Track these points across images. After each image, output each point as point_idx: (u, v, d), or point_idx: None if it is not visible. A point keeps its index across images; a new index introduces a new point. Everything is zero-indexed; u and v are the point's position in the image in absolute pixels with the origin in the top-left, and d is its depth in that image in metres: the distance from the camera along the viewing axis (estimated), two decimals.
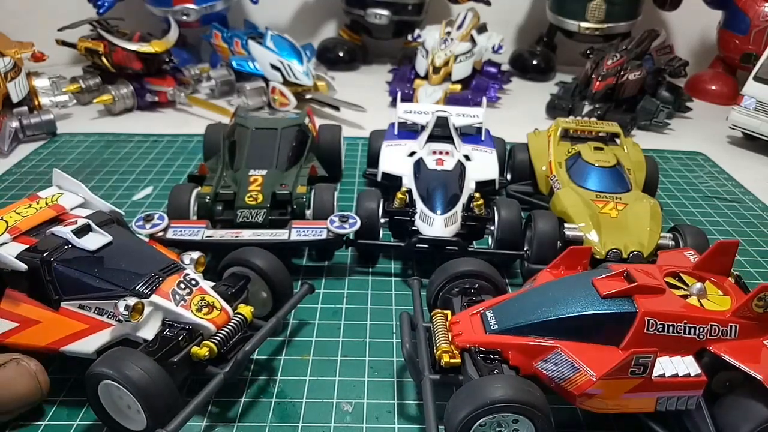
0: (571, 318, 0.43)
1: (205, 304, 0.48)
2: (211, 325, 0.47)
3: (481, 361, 0.43)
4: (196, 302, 0.48)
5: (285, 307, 0.52)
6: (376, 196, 0.67)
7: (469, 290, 0.52)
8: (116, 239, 0.51)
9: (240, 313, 0.49)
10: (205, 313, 0.47)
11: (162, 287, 0.48)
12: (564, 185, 0.70)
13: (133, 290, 0.47)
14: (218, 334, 0.47)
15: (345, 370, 0.52)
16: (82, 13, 1.13)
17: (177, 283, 0.49)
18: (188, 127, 1.02)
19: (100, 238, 0.50)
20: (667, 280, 0.46)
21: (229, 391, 0.49)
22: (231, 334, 0.47)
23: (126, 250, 0.51)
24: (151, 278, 0.48)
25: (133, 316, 0.45)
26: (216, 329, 0.47)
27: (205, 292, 0.49)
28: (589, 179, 0.70)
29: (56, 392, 0.49)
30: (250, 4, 1.32)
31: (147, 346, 0.44)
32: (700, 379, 0.41)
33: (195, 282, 0.49)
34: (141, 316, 0.45)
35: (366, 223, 0.64)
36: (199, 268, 0.53)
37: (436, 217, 0.64)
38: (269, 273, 0.54)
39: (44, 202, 0.55)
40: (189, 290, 0.49)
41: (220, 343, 0.46)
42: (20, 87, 0.97)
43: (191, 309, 0.47)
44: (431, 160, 0.71)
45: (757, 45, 1.13)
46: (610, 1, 1.21)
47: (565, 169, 0.72)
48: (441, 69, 1.11)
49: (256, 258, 0.54)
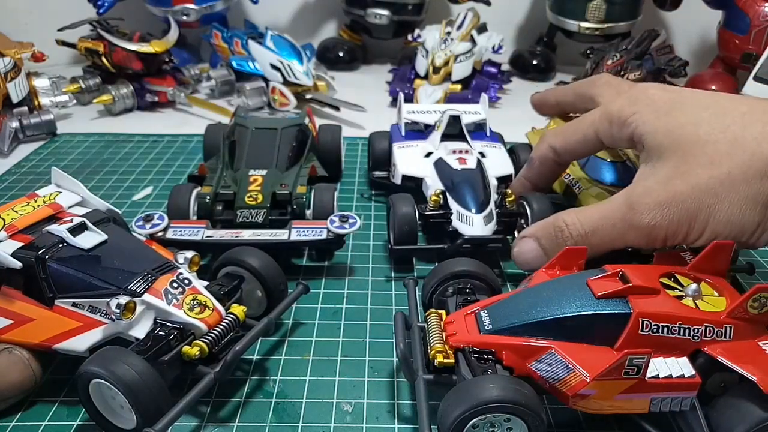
0: (566, 318, 0.43)
1: (197, 304, 0.48)
2: (203, 325, 0.47)
3: (475, 361, 0.43)
4: (188, 302, 0.48)
5: (278, 308, 0.52)
6: (409, 199, 0.66)
7: (464, 290, 0.52)
8: (111, 238, 0.52)
9: (232, 313, 0.50)
10: (197, 312, 0.48)
11: (155, 286, 0.48)
12: (584, 183, 0.71)
13: (126, 289, 0.48)
14: (210, 334, 0.47)
15: (345, 370, 0.52)
16: (82, 13, 1.13)
17: (170, 282, 0.49)
18: (188, 127, 1.03)
19: (95, 237, 0.51)
20: (662, 281, 0.46)
21: (229, 391, 0.50)
22: (222, 333, 0.48)
23: (120, 249, 0.51)
24: (145, 277, 0.49)
25: (125, 314, 0.45)
26: (208, 329, 0.47)
27: (198, 292, 0.49)
28: (605, 174, 0.71)
29: (56, 392, 0.49)
30: (250, 4, 1.32)
31: (138, 345, 0.45)
32: (694, 380, 0.41)
33: (188, 281, 0.50)
34: (133, 315, 0.46)
35: (406, 230, 0.64)
36: (193, 267, 0.53)
37: (475, 216, 0.64)
38: (263, 272, 0.54)
39: (42, 201, 0.55)
40: (182, 289, 0.49)
41: (211, 343, 0.46)
42: (20, 87, 0.97)
43: (183, 308, 0.48)
44: (453, 160, 0.71)
45: (757, 45, 1.12)
46: (610, 1, 1.21)
47: (579, 166, 0.73)
48: (441, 69, 1.11)
49: (250, 257, 0.54)
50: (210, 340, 0.46)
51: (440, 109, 0.81)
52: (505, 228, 0.67)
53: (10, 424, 0.46)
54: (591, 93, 0.69)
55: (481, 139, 0.79)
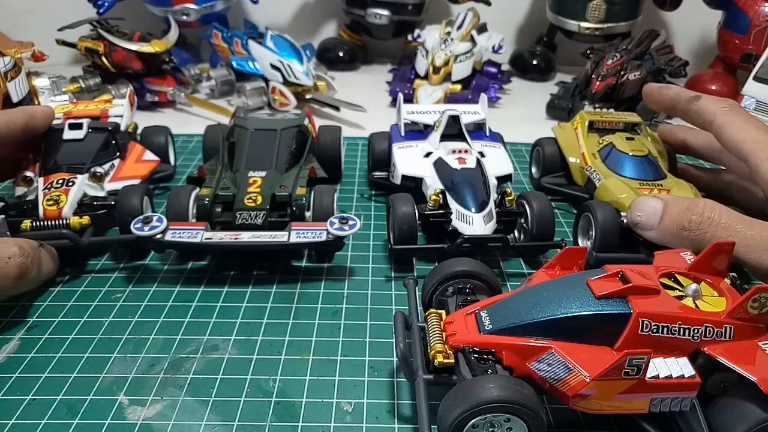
0: (566, 318, 0.43)
1: (55, 200, 0.64)
2: (42, 212, 0.64)
3: (475, 361, 0.43)
4: (53, 195, 0.65)
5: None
6: (408, 199, 0.66)
7: (464, 290, 0.52)
8: (86, 139, 0.73)
9: (67, 218, 0.64)
10: (49, 204, 0.64)
11: (52, 176, 0.67)
12: (605, 176, 0.72)
13: (44, 168, 0.69)
14: (41, 222, 0.63)
15: (345, 370, 0.52)
16: (82, 13, 1.13)
17: (62, 178, 0.67)
18: (188, 127, 1.03)
19: (77, 134, 0.72)
20: (662, 281, 0.46)
21: (229, 390, 0.50)
22: (44, 227, 0.63)
23: (77, 147, 0.72)
24: (59, 167, 0.68)
25: (21, 183, 0.68)
26: (44, 217, 0.63)
27: (66, 193, 0.65)
28: (627, 168, 0.72)
29: (56, 391, 0.49)
30: (250, 4, 1.33)
31: (7, 205, 0.65)
32: (694, 380, 0.41)
33: (71, 184, 0.66)
34: (28, 186, 0.68)
35: (406, 230, 0.64)
36: (95, 180, 0.69)
37: (475, 215, 0.64)
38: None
39: (103, 105, 0.80)
40: (61, 185, 0.66)
41: (33, 227, 0.63)
42: (20, 87, 0.97)
43: (45, 197, 0.64)
44: (452, 159, 0.71)
45: (757, 45, 1.12)
46: (610, 1, 1.21)
47: (601, 159, 0.75)
48: (441, 69, 1.12)
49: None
50: (34, 224, 0.63)
51: (440, 109, 0.81)
52: (505, 227, 0.67)
53: (9, 422, 0.46)
54: (731, 136, 0.63)
55: (481, 139, 0.79)
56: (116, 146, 0.75)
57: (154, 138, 0.84)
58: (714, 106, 0.65)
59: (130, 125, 0.81)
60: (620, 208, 0.65)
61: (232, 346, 0.55)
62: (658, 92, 0.73)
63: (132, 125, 0.82)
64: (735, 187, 0.73)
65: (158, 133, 0.85)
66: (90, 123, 0.75)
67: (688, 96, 0.68)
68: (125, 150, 0.77)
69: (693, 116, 0.68)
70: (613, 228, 0.63)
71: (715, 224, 0.55)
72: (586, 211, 0.66)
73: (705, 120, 0.66)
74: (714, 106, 0.65)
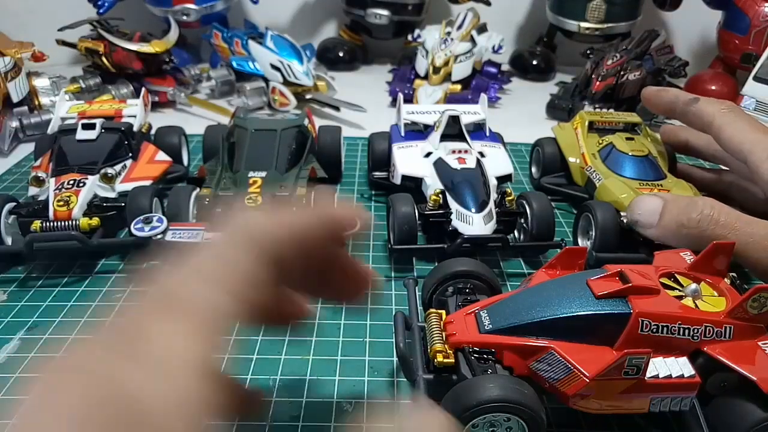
0: (565, 318, 0.43)
1: (66, 201, 0.64)
2: (52, 213, 0.63)
3: (475, 360, 0.43)
4: (64, 196, 0.64)
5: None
6: (408, 199, 0.66)
7: (464, 290, 0.52)
8: (98, 140, 0.72)
9: (77, 220, 0.63)
10: (59, 205, 0.63)
11: (63, 177, 0.67)
12: (605, 176, 0.72)
13: (56, 169, 0.69)
14: (51, 222, 0.63)
15: (345, 370, 0.52)
16: (82, 13, 1.13)
17: (73, 179, 0.66)
18: (188, 127, 1.02)
19: (90, 134, 0.72)
20: (662, 281, 0.46)
21: None
22: (56, 227, 0.63)
23: (90, 147, 0.72)
24: (71, 168, 0.68)
25: (34, 184, 0.68)
26: (54, 219, 0.63)
27: (77, 194, 0.65)
28: (627, 168, 0.72)
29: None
30: (250, 4, 1.32)
31: (18, 205, 0.65)
32: (694, 380, 0.41)
33: (82, 184, 0.66)
34: (40, 186, 0.67)
35: (406, 229, 0.64)
36: (106, 181, 0.69)
37: (475, 215, 0.64)
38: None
39: (117, 105, 0.82)
40: (71, 186, 0.66)
41: (43, 228, 0.62)
42: (20, 87, 0.97)
43: (56, 197, 0.64)
44: (452, 159, 0.71)
45: (757, 45, 1.12)
46: (610, 1, 1.21)
47: (601, 160, 0.75)
48: (441, 69, 1.12)
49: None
50: (44, 225, 0.63)
51: (439, 109, 0.81)
52: (505, 227, 0.67)
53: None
54: (733, 141, 0.63)
55: (481, 139, 0.79)
56: (129, 147, 0.74)
57: (167, 138, 0.84)
58: (712, 107, 0.65)
59: (144, 125, 0.81)
60: (620, 208, 0.65)
61: (231, 346, 0.55)
62: (657, 96, 0.73)
63: (146, 125, 0.82)
64: (736, 187, 0.73)
65: (172, 134, 0.85)
66: (103, 123, 0.74)
67: (687, 99, 0.68)
68: (138, 151, 0.76)
69: (692, 119, 0.68)
70: (613, 228, 0.63)
71: (714, 222, 0.55)
72: (586, 211, 0.66)
73: (704, 122, 0.66)
74: (712, 108, 0.65)
